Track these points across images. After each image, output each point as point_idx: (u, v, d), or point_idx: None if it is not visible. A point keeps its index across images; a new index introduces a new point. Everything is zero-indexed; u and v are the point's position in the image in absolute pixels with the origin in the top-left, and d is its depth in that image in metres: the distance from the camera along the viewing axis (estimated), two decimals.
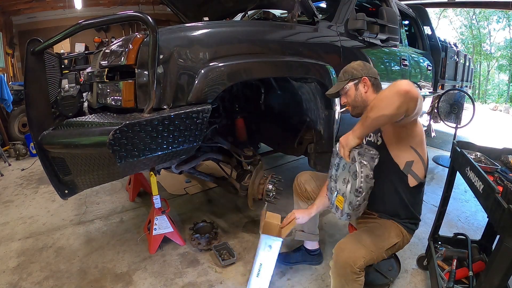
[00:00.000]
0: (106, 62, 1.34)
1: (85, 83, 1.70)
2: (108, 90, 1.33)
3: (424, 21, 3.62)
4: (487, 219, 1.56)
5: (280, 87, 2.03)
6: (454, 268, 1.42)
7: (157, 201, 1.80)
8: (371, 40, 2.21)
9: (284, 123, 2.20)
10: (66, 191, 1.33)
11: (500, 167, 1.29)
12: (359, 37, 2.12)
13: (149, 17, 1.12)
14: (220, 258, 1.72)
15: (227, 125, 2.00)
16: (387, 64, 2.53)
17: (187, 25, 1.43)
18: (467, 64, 5.02)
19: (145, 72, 1.21)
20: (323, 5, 2.85)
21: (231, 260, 1.72)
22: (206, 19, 2.20)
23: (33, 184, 3.00)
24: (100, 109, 1.49)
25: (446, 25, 21.43)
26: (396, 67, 2.59)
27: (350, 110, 1.39)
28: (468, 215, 2.33)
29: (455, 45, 4.90)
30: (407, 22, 3.62)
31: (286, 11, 2.31)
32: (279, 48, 1.61)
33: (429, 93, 3.52)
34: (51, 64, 1.57)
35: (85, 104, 1.70)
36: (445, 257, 1.54)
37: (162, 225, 1.82)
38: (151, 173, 1.79)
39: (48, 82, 1.36)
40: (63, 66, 1.83)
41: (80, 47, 6.39)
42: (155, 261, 1.77)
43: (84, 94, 1.73)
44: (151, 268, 1.70)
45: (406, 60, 2.70)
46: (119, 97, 1.26)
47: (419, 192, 1.33)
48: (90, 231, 2.10)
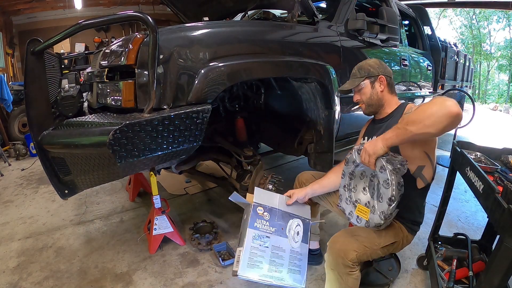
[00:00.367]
0: (106, 62, 1.34)
1: (85, 83, 1.70)
2: (108, 90, 1.33)
3: (424, 21, 3.62)
4: (487, 219, 1.56)
5: (280, 87, 2.03)
6: (454, 268, 1.42)
7: (157, 201, 1.80)
8: (371, 40, 2.21)
9: (284, 123, 2.20)
10: (66, 191, 1.33)
11: (500, 167, 1.29)
12: (359, 37, 2.12)
13: (149, 17, 1.12)
14: (220, 258, 1.72)
15: (227, 125, 2.00)
16: (387, 64, 2.53)
17: (187, 25, 1.43)
18: (467, 64, 5.03)
19: (145, 72, 1.21)
20: (323, 5, 2.85)
21: (231, 260, 1.71)
22: (206, 19, 2.20)
23: (33, 184, 3.00)
24: (100, 109, 1.49)
25: (446, 25, 21.47)
26: (396, 67, 2.59)
27: (364, 108, 1.38)
28: (468, 215, 2.33)
29: (455, 45, 4.91)
30: (407, 22, 3.62)
31: (286, 11, 2.31)
32: (279, 48, 1.61)
33: (429, 93, 3.52)
34: (51, 64, 1.57)
35: (85, 104, 1.70)
36: (445, 257, 1.53)
37: (162, 225, 1.82)
38: (151, 173, 1.79)
39: (48, 82, 1.36)
40: (63, 66, 1.83)
41: (80, 47, 6.39)
42: (155, 261, 1.77)
43: (84, 94, 1.73)
44: (151, 268, 1.70)
45: (406, 60, 2.70)
46: (119, 97, 1.26)
47: (425, 194, 1.32)
48: (90, 231, 2.10)
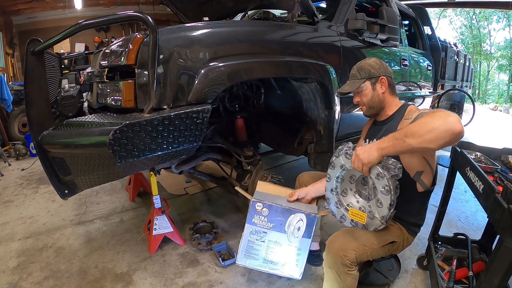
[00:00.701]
0: (106, 62, 1.34)
1: (85, 83, 1.70)
2: (108, 90, 1.33)
3: (424, 21, 3.62)
4: (487, 219, 1.56)
5: (280, 87, 2.03)
6: (454, 268, 1.42)
7: (157, 201, 1.80)
8: (371, 40, 2.21)
9: (284, 123, 2.20)
10: (66, 191, 1.33)
11: (500, 167, 1.29)
12: (359, 37, 2.12)
13: (149, 17, 1.12)
14: (220, 258, 1.72)
15: (227, 125, 2.00)
16: (387, 64, 2.53)
17: (187, 25, 1.43)
18: (467, 64, 5.03)
19: (145, 72, 1.21)
20: (323, 5, 2.85)
21: (231, 260, 1.71)
22: (206, 19, 2.20)
23: (33, 184, 3.00)
24: (100, 109, 1.49)
25: (446, 25, 21.48)
26: (396, 67, 2.59)
27: (365, 110, 1.35)
28: (468, 215, 2.33)
29: (455, 45, 4.91)
30: (407, 22, 3.62)
31: (286, 11, 2.31)
32: (279, 48, 1.61)
33: (429, 93, 3.52)
34: (51, 64, 1.57)
35: (85, 104, 1.70)
36: (445, 257, 1.53)
37: (162, 225, 1.82)
38: (151, 173, 1.79)
39: (48, 82, 1.36)
40: (63, 66, 1.82)
41: (80, 47, 6.39)
42: (155, 261, 1.77)
43: (84, 94, 1.73)
44: (151, 268, 1.70)
45: (406, 60, 2.70)
46: (119, 97, 1.26)
47: (427, 198, 1.30)
48: (90, 231, 2.10)
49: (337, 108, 1.87)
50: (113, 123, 1.12)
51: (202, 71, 1.28)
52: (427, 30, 3.67)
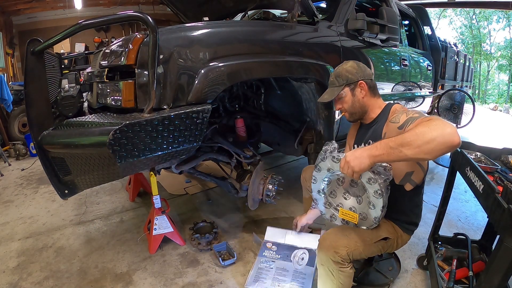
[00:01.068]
0: (106, 62, 1.34)
1: (85, 83, 1.70)
2: (108, 90, 1.33)
3: (424, 21, 3.62)
4: (487, 219, 1.56)
5: (280, 87, 2.03)
6: (454, 268, 1.42)
7: (157, 201, 1.80)
8: (371, 40, 2.21)
9: (284, 123, 2.20)
10: (66, 191, 1.33)
11: (500, 167, 1.29)
12: (359, 37, 2.12)
13: (149, 17, 1.12)
14: (220, 258, 1.72)
15: (227, 125, 2.00)
16: (387, 64, 2.54)
17: (187, 25, 1.43)
18: (467, 64, 5.03)
19: (145, 72, 1.21)
20: (323, 5, 2.85)
21: (231, 260, 1.71)
22: (206, 19, 2.20)
23: (33, 184, 3.00)
24: (100, 109, 1.49)
25: (446, 25, 21.48)
26: (396, 67, 2.59)
27: (347, 116, 1.33)
28: (468, 215, 2.33)
29: (455, 45, 4.91)
30: (407, 22, 3.62)
31: (286, 11, 2.31)
32: (279, 48, 1.61)
33: (429, 93, 3.52)
34: (51, 64, 1.57)
35: (85, 104, 1.70)
36: (445, 257, 1.53)
37: (162, 225, 1.82)
38: (151, 173, 1.79)
39: (48, 82, 1.36)
40: (63, 66, 1.83)
41: (80, 47, 6.40)
42: (155, 261, 1.77)
43: (84, 94, 1.73)
44: (151, 268, 1.70)
45: (406, 60, 2.70)
46: (119, 97, 1.26)
47: (417, 194, 1.28)
48: (90, 231, 2.10)
49: None
50: (113, 123, 1.12)
51: (202, 71, 1.28)
52: (427, 30, 3.67)
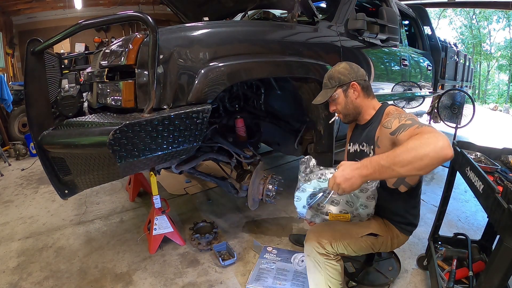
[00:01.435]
0: (106, 62, 1.34)
1: (85, 83, 1.70)
2: (108, 90, 1.33)
3: (424, 21, 3.62)
4: (487, 219, 1.56)
5: (280, 87, 2.03)
6: (454, 268, 1.42)
7: (157, 201, 1.80)
8: (371, 40, 2.21)
9: (284, 123, 2.20)
10: (66, 191, 1.33)
11: (500, 167, 1.28)
12: (359, 37, 2.12)
13: (149, 17, 1.12)
14: (220, 258, 1.72)
15: (227, 125, 2.00)
16: (387, 64, 2.54)
17: (187, 25, 1.43)
18: (467, 64, 5.03)
19: (145, 72, 1.21)
20: (323, 5, 2.85)
21: (231, 260, 1.72)
22: (206, 19, 2.20)
23: (33, 184, 3.00)
24: (100, 109, 1.49)
25: (446, 25, 21.48)
26: (396, 67, 2.59)
27: (342, 118, 1.34)
28: (468, 215, 2.33)
29: (455, 45, 4.91)
30: (407, 22, 3.62)
31: (286, 11, 2.31)
32: (279, 48, 1.61)
33: (429, 93, 3.52)
34: (51, 64, 1.57)
35: (85, 104, 1.70)
36: (445, 257, 1.53)
37: (162, 225, 1.82)
38: (151, 173, 1.79)
39: (48, 82, 1.36)
40: (63, 66, 1.83)
41: (80, 47, 6.40)
42: (155, 261, 1.77)
43: (84, 94, 1.73)
44: (151, 268, 1.70)
45: (406, 60, 2.70)
46: (119, 97, 1.26)
47: (413, 196, 1.27)
48: (90, 231, 2.10)
49: None
50: (113, 123, 1.12)
51: (202, 71, 1.28)
52: (427, 30, 3.67)
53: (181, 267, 1.72)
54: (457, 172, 1.46)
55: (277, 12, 2.47)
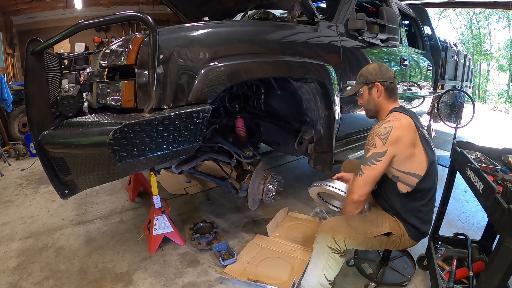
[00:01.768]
0: (106, 62, 1.34)
1: (85, 83, 1.70)
2: (108, 90, 1.33)
3: (424, 21, 3.62)
4: (487, 219, 1.56)
5: (280, 87, 2.03)
6: (454, 268, 1.42)
7: (157, 201, 1.80)
8: (371, 40, 2.21)
9: (284, 123, 2.20)
10: (66, 191, 1.33)
11: (500, 167, 1.28)
12: (359, 37, 2.12)
13: (149, 17, 1.12)
14: (220, 258, 1.72)
15: (227, 125, 2.00)
16: (387, 64, 2.53)
17: (187, 25, 1.43)
18: (467, 64, 5.02)
19: (145, 72, 1.21)
20: (323, 5, 2.85)
21: (231, 260, 1.71)
22: (206, 19, 2.20)
23: (33, 184, 3.00)
24: (100, 109, 1.49)
25: (446, 25, 21.46)
26: (396, 67, 2.59)
27: (365, 112, 1.44)
28: (468, 215, 2.33)
29: (455, 45, 4.90)
30: (407, 22, 3.62)
31: (286, 11, 2.31)
32: (279, 48, 1.61)
33: (429, 93, 3.52)
34: (51, 64, 1.57)
35: (85, 104, 1.70)
36: (445, 257, 1.53)
37: (162, 225, 1.82)
38: (151, 173, 1.79)
39: (48, 82, 1.36)
40: (63, 66, 1.83)
41: (80, 47, 6.40)
42: (155, 261, 1.77)
43: (84, 94, 1.73)
44: (151, 268, 1.70)
45: (406, 60, 2.70)
46: (119, 97, 1.26)
47: (414, 199, 1.27)
48: (90, 231, 2.10)
49: (337, 108, 1.87)
50: (113, 123, 1.12)
51: (202, 71, 1.28)
52: (427, 30, 3.67)
53: (181, 267, 1.72)
54: (457, 172, 1.46)
55: (277, 12, 2.47)
